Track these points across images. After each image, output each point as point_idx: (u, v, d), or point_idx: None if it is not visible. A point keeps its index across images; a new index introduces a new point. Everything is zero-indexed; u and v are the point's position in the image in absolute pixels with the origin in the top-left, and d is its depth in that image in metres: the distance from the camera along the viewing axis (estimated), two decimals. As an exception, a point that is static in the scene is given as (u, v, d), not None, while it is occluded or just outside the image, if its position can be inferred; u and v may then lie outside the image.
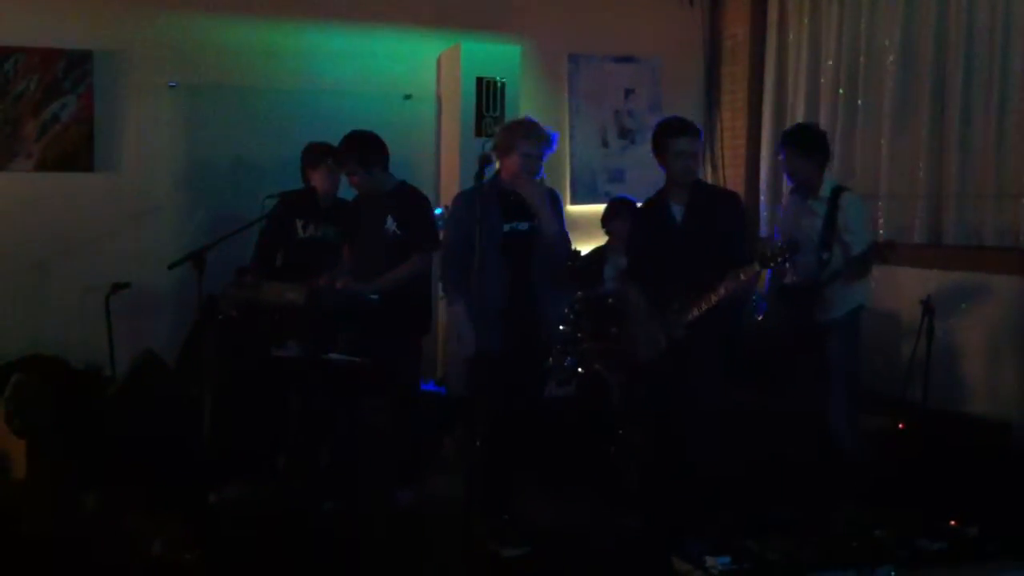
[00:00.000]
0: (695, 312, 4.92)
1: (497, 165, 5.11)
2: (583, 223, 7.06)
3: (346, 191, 5.94)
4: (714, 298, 4.88)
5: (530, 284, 5.06)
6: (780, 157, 5.67)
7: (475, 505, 4.64)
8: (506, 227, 5.04)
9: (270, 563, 4.78)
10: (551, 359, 5.25)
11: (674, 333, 4.98)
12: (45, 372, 6.17)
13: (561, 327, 6.08)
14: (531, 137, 5.01)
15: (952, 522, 4.83)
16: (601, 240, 6.69)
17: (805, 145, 5.49)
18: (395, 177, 5.65)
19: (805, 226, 5.45)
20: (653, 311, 5.07)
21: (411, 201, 5.60)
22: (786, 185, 7.48)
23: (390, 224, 5.50)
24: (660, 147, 5.14)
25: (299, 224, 6.03)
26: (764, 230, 7.73)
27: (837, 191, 5.44)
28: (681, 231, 5.10)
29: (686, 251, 5.02)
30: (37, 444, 5.64)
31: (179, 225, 6.88)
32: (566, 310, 6.20)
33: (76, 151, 6.83)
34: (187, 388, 5.99)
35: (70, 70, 6.80)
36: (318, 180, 6.04)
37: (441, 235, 5.50)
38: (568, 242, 5.27)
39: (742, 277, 4.86)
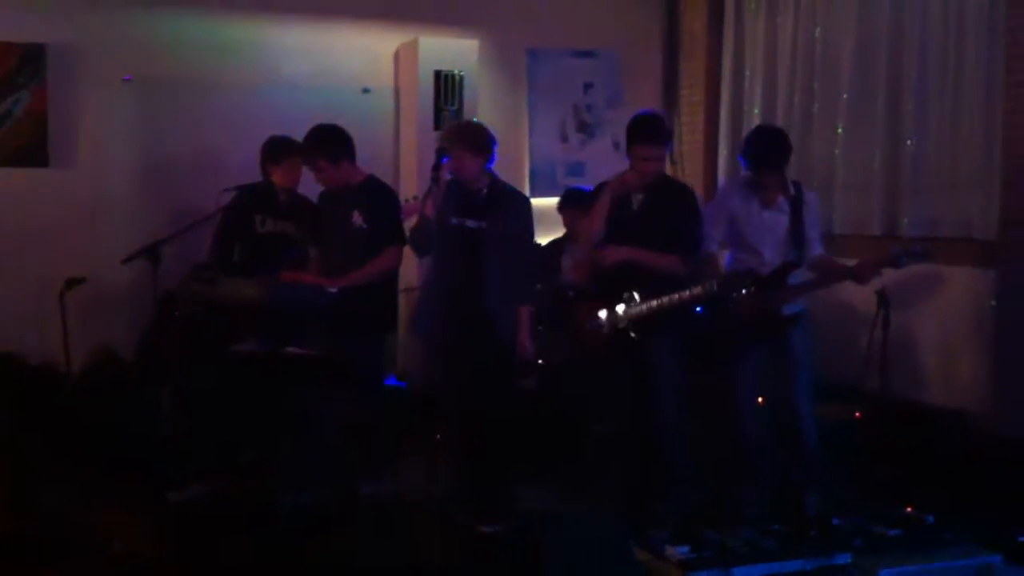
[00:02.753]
0: (651, 307, 5.09)
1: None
2: (542, 216, 7.05)
3: (307, 187, 5.91)
4: (676, 300, 5.07)
5: (480, 279, 5.18)
6: (743, 168, 5.44)
7: (443, 493, 4.72)
8: (455, 221, 5.19)
9: (233, 561, 4.74)
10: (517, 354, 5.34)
11: (619, 323, 5.13)
12: (-1, 369, 6.10)
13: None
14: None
15: (908, 509, 4.90)
16: (560, 232, 6.73)
17: (772, 159, 5.27)
18: (362, 171, 5.63)
19: (768, 221, 5.37)
20: (601, 299, 5.20)
21: (378, 195, 5.58)
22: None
23: (356, 219, 5.48)
24: (628, 144, 5.29)
25: (257, 219, 5.98)
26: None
27: (799, 187, 5.41)
28: (637, 218, 5.23)
29: (640, 239, 5.18)
30: (-8, 442, 5.56)
31: (136, 220, 6.79)
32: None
33: (31, 146, 6.73)
34: (145, 384, 5.94)
35: (24, 64, 6.70)
36: (280, 176, 5.96)
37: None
38: (525, 243, 5.41)
39: (695, 292, 5.07)
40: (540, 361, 6.16)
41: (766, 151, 5.32)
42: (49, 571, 4.52)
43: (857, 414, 5.59)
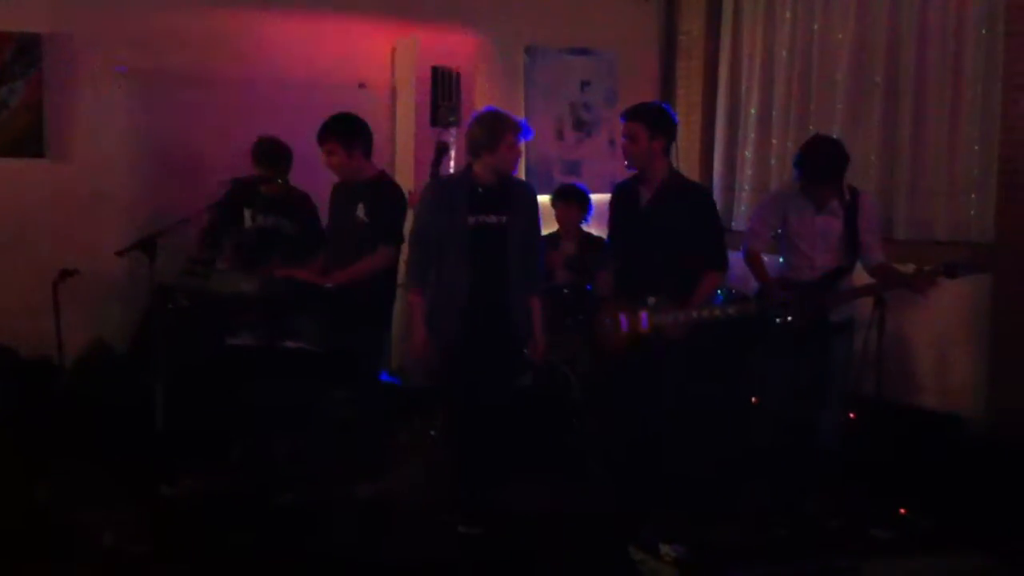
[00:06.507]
0: (676, 318, 4.95)
1: (475, 163, 5.11)
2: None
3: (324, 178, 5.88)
4: (706, 314, 4.95)
5: (501, 277, 5.10)
6: (795, 180, 5.35)
7: (436, 492, 4.67)
8: (472, 220, 5.07)
9: (224, 556, 4.73)
10: (526, 349, 5.28)
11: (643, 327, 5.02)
12: (-9, 361, 6.08)
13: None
14: (518, 128, 5.09)
15: (903, 511, 4.90)
16: (551, 228, 6.74)
17: (825, 172, 5.22)
18: (376, 167, 5.60)
19: (820, 225, 5.28)
20: (620, 301, 5.11)
21: (384, 193, 5.53)
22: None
23: (360, 212, 5.44)
24: None
25: (248, 213, 5.97)
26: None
27: (855, 192, 5.34)
28: (644, 215, 5.14)
29: (648, 236, 5.09)
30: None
31: (130, 212, 6.76)
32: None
33: (26, 137, 6.69)
34: (138, 377, 5.92)
35: (19, 55, 6.66)
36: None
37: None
38: (538, 233, 5.34)
39: (731, 312, 4.98)
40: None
41: (819, 164, 5.23)
42: (41, 564, 4.51)
43: (851, 415, 5.57)
